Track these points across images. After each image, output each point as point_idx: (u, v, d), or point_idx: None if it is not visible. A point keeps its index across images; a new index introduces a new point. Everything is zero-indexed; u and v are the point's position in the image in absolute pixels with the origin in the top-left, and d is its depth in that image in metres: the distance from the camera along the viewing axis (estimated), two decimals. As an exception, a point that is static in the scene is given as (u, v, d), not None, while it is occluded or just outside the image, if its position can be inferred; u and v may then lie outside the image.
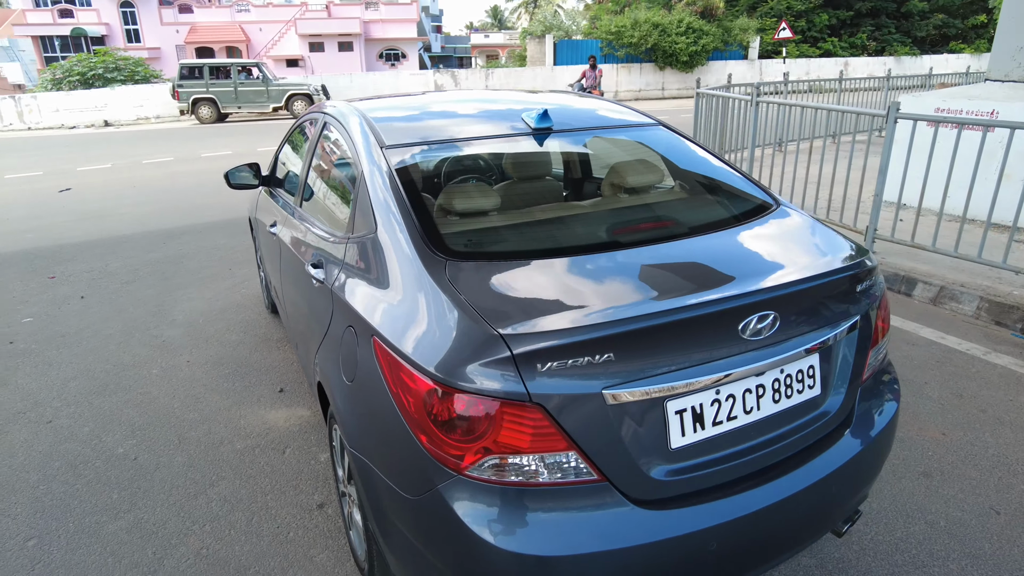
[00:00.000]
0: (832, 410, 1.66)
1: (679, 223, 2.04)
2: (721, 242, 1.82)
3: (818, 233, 1.91)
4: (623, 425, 1.37)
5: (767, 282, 1.56)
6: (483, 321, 1.35)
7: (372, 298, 1.67)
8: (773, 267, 1.68)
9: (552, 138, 2.27)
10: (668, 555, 1.39)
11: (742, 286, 1.52)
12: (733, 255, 1.78)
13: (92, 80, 21.85)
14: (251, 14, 38.37)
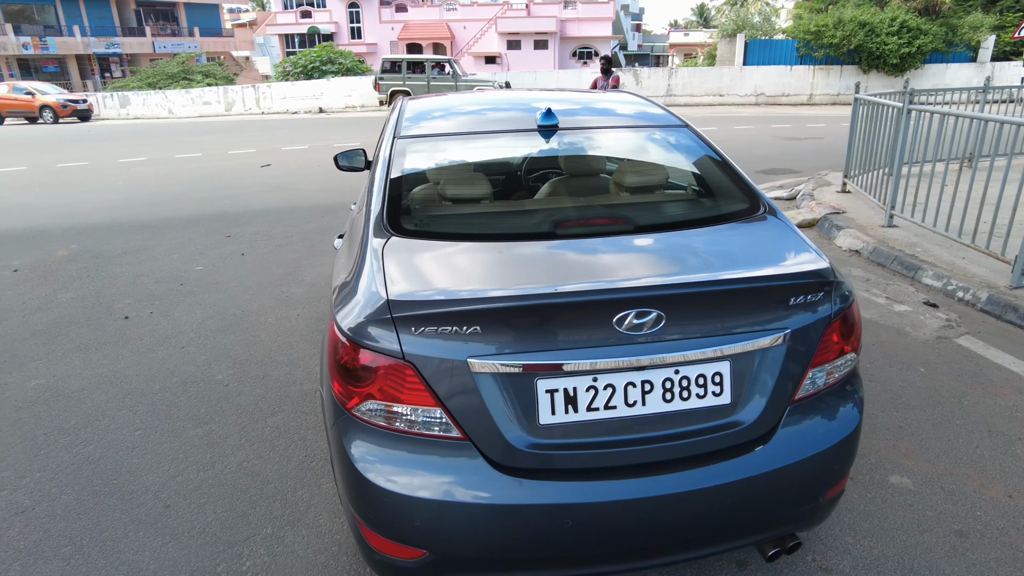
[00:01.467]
0: (746, 422, 1.62)
1: (629, 220, 2.07)
2: (653, 241, 1.85)
3: (782, 244, 1.84)
4: (489, 394, 1.50)
5: (658, 281, 1.58)
6: (383, 287, 1.57)
7: (341, 264, 1.97)
8: (688, 268, 1.68)
9: (558, 135, 2.39)
10: (518, 521, 1.50)
11: (629, 282, 1.56)
12: (655, 253, 1.80)
13: (311, 72, 25.10)
14: (457, 12, 41.17)
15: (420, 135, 2.39)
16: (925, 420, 2.91)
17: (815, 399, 1.71)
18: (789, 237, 1.87)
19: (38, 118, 25.17)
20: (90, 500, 2.56)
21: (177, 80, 31.25)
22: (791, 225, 1.96)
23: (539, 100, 2.72)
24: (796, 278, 1.65)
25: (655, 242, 1.85)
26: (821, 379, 1.71)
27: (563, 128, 2.38)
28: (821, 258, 1.74)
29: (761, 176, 8.81)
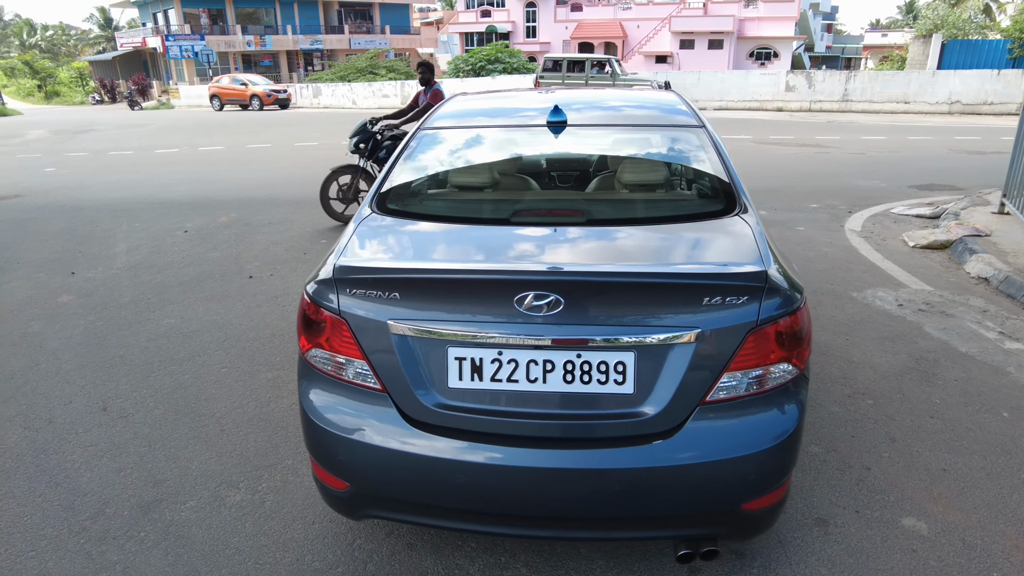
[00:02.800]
0: (649, 414, 1.64)
1: (586, 214, 2.13)
2: (590, 234, 1.90)
3: (729, 246, 1.81)
4: (404, 353, 1.69)
5: (558, 268, 1.65)
6: (340, 255, 1.81)
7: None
8: (601, 260, 1.74)
9: (567, 132, 2.48)
10: (420, 470, 1.68)
11: (531, 266, 1.66)
12: (583, 244, 1.85)
13: (480, 70, 26.33)
14: (631, 11, 40.80)
15: (441, 127, 2.61)
16: (979, 468, 2.59)
17: (733, 404, 1.67)
18: (742, 240, 1.83)
19: (248, 105, 29.09)
20: (172, 416, 3.12)
21: (364, 74, 34.40)
22: (756, 229, 1.90)
23: (575, 99, 2.83)
24: (711, 278, 1.64)
25: (592, 235, 1.91)
26: (741, 385, 1.67)
27: (572, 125, 2.47)
28: (759, 264, 1.69)
29: (912, 191, 7.92)
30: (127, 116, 27.47)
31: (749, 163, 9.99)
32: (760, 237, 1.86)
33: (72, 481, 2.67)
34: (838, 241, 5.72)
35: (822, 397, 3.12)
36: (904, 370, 3.38)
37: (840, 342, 3.71)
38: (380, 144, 6.48)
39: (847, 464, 2.62)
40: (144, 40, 47.08)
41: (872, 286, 4.59)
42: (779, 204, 7.20)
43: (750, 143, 12.54)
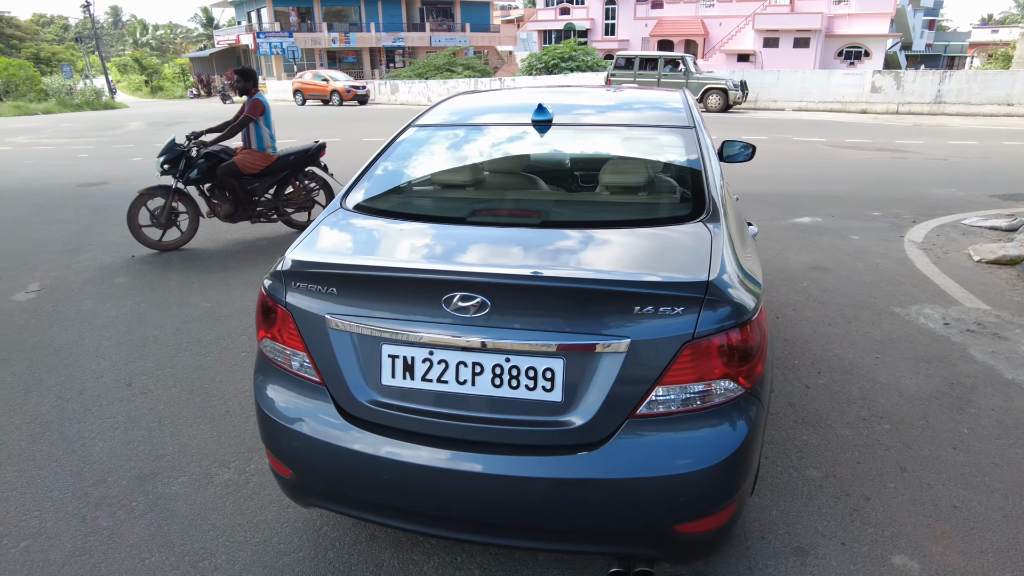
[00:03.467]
0: (576, 424, 1.58)
1: (543, 215, 2.08)
2: (539, 236, 1.86)
3: (678, 253, 1.73)
4: (340, 348, 1.70)
5: (485, 269, 1.62)
6: (294, 249, 1.85)
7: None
8: (536, 263, 1.70)
9: (552, 131, 2.43)
10: (351, 464, 1.69)
11: (458, 266, 1.63)
12: (525, 246, 1.81)
13: (552, 68, 26.23)
14: (714, 9, 39.57)
15: (429, 124, 2.62)
16: (997, 508, 2.35)
17: (666, 420, 1.58)
18: (695, 248, 1.73)
19: (329, 100, 30.18)
20: (186, 395, 3.29)
21: (442, 71, 34.96)
22: (717, 237, 1.79)
23: (569, 98, 2.77)
24: (644, 287, 1.55)
25: (539, 237, 1.86)
26: (676, 400, 1.57)
27: (558, 124, 2.42)
28: (701, 274, 1.58)
29: (993, 201, 7.29)
30: (217, 109, 29.07)
31: (815, 167, 9.50)
32: (718, 245, 1.75)
33: (86, 449, 2.85)
34: (893, 252, 5.34)
35: (833, 418, 2.92)
36: (935, 395, 3.11)
37: (868, 361, 3.46)
38: (193, 163, 5.70)
39: (844, 492, 2.44)
40: (238, 37, 49.69)
41: (919, 302, 4.26)
42: (837, 211, 6.80)
43: (822, 146, 11.91)
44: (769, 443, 2.74)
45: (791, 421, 2.90)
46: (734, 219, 2.06)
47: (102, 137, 17.34)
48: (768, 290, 4.46)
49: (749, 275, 1.76)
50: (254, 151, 5.81)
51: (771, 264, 5.08)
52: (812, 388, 3.19)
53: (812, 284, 4.62)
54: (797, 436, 2.79)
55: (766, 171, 9.19)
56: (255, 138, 5.79)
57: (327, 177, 6.45)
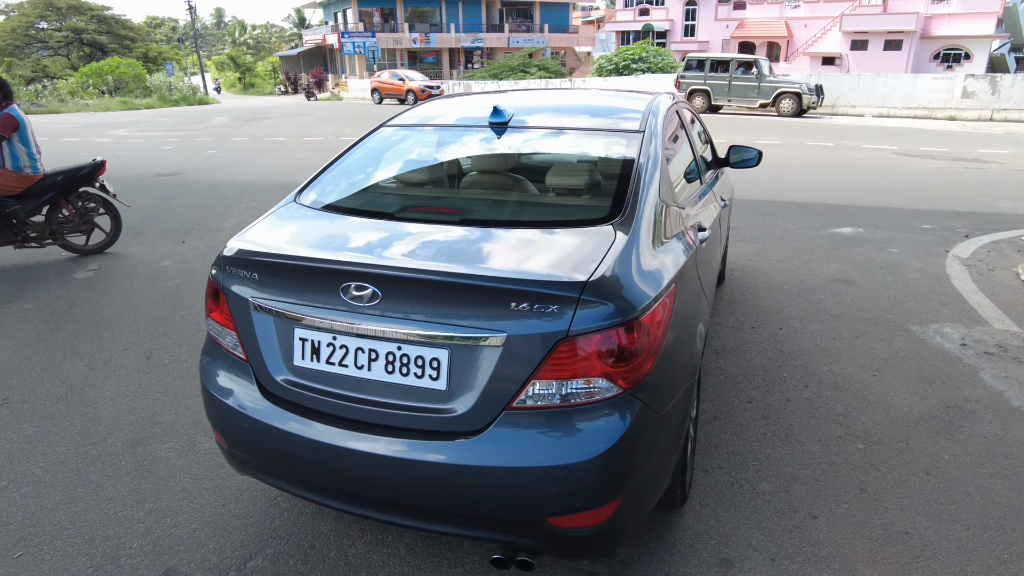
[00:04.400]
0: (458, 412, 1.65)
1: (464, 212, 2.17)
2: (447, 233, 1.93)
3: (573, 253, 1.76)
4: (263, 330, 1.85)
5: (375, 261, 1.72)
6: (237, 237, 2.00)
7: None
8: (436, 256, 1.78)
9: (508, 133, 2.50)
10: (266, 437, 1.84)
11: (352, 257, 1.74)
12: (432, 241, 1.89)
13: (623, 69, 25.97)
14: (799, 10, 37.98)
15: (399, 124, 2.74)
16: (952, 539, 2.23)
17: (540, 413, 1.62)
18: (593, 249, 1.75)
19: (404, 99, 31.03)
20: (192, 369, 3.56)
21: (515, 72, 35.26)
22: (622, 239, 1.81)
23: (529, 101, 2.86)
24: (520, 284, 1.59)
25: (450, 233, 1.92)
26: (551, 395, 1.61)
27: (513, 127, 2.49)
28: (582, 274, 1.61)
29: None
30: (299, 106, 30.49)
31: (874, 176, 9.02)
32: (617, 248, 1.76)
33: (97, 412, 3.15)
34: (931, 267, 5.04)
35: (805, 434, 2.84)
36: (924, 417, 2.96)
37: (863, 378, 3.32)
38: None
39: (792, 508, 2.38)
40: (324, 37, 51.89)
41: (941, 320, 4.02)
42: (884, 222, 6.46)
43: (889, 154, 11.27)
44: (728, 454, 2.70)
45: (759, 434, 2.84)
46: (664, 222, 2.06)
47: (188, 131, 18.57)
48: (779, 300, 4.34)
49: (650, 278, 1.77)
50: (7, 171, 5.24)
51: (792, 275, 4.91)
52: (793, 402, 3.10)
53: (830, 296, 4.45)
54: (760, 449, 2.73)
55: (818, 179, 8.82)
56: (9, 157, 5.22)
57: (109, 197, 5.81)
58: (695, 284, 2.17)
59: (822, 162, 10.37)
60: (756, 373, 3.38)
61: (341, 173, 2.48)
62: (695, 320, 2.09)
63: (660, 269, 1.85)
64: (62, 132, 18.28)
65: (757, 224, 6.48)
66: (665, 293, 1.80)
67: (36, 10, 55.76)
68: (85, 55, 54.57)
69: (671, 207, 2.20)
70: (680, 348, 1.90)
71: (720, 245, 3.40)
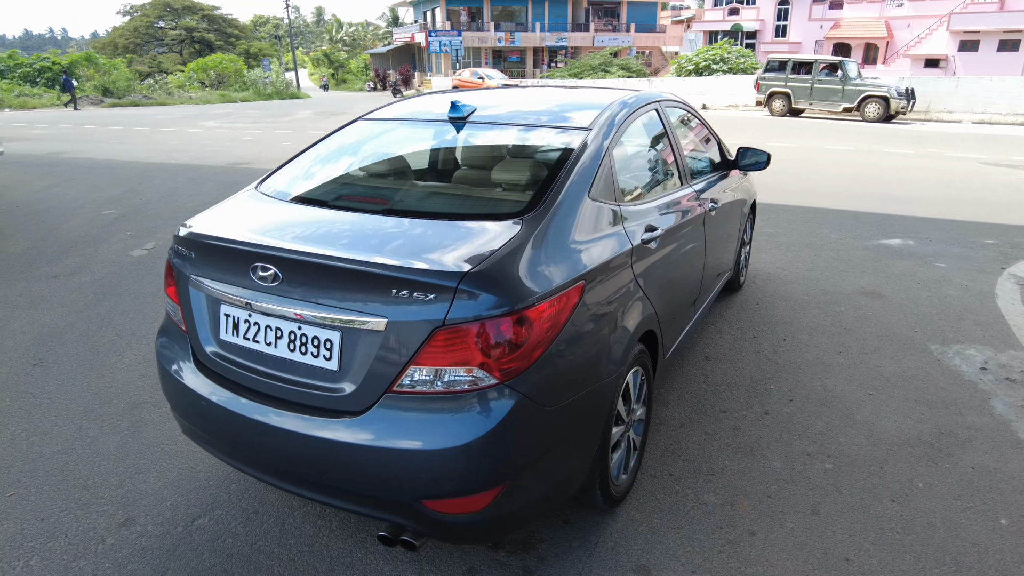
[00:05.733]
0: (346, 392, 1.73)
1: (391, 202, 2.25)
2: (366, 220, 1.99)
3: (467, 244, 1.79)
4: (198, 305, 2.00)
5: (276, 244, 1.81)
6: (191, 218, 2.16)
7: None
8: (339, 243, 1.83)
9: (466, 128, 2.55)
10: (191, 402, 1.99)
11: (259, 240, 1.84)
12: (345, 228, 1.95)
13: (702, 70, 25.24)
14: (902, 9, 35.61)
15: (373, 117, 2.84)
16: (895, 569, 2.08)
17: (417, 398, 1.66)
18: (490, 241, 1.77)
19: (483, 97, 31.44)
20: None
21: (597, 71, 34.99)
22: (522, 234, 1.81)
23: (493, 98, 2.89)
24: (400, 271, 1.64)
25: (365, 222, 1.98)
26: (427, 381, 1.65)
27: (471, 122, 2.53)
28: (465, 265, 1.64)
29: None
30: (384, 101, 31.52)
31: (945, 186, 8.35)
32: (516, 241, 1.77)
33: (112, 375, 3.44)
34: (977, 285, 4.65)
35: (773, 449, 2.72)
36: (911, 442, 2.77)
37: (856, 396, 3.14)
38: None
39: (732, 523, 2.30)
40: (412, 35, 53.30)
41: (967, 341, 3.72)
42: (940, 235, 6.00)
43: (975, 164, 10.40)
44: (684, 461, 2.64)
45: (723, 444, 2.75)
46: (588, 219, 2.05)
47: (271, 123, 19.62)
48: (794, 311, 4.16)
49: (545, 273, 1.77)
50: None
51: (818, 285, 4.67)
52: (771, 415, 2.98)
53: (851, 310, 4.20)
54: (718, 460, 2.65)
55: (881, 187, 8.28)
56: None
57: None
58: (625, 284, 2.14)
59: (893, 170, 9.73)
60: (741, 383, 3.27)
61: (303, 163, 2.59)
62: (617, 321, 2.06)
63: (564, 265, 1.84)
64: (161, 123, 19.77)
65: (799, 231, 6.19)
66: (564, 290, 1.79)
67: (155, 10, 60.47)
68: (195, 51, 58.67)
69: (605, 205, 2.17)
70: (586, 347, 1.89)
71: (712, 249, 3.30)
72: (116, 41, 60.51)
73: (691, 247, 2.90)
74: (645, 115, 2.80)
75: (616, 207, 2.25)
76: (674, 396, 3.14)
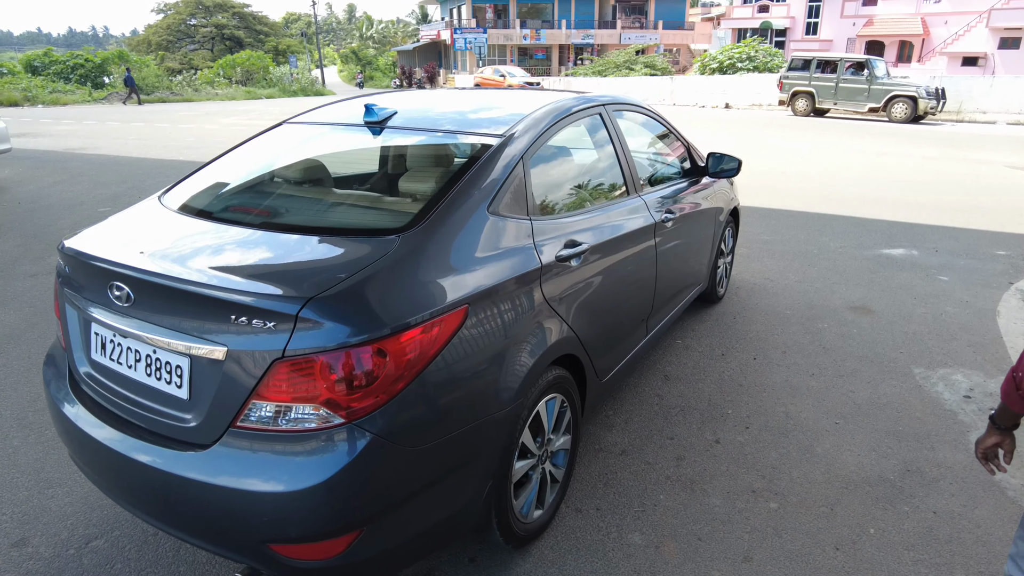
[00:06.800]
0: (194, 423, 1.59)
1: (273, 216, 2.09)
2: (240, 235, 1.86)
3: (345, 263, 1.64)
4: (72, 323, 1.89)
5: (127, 262, 1.67)
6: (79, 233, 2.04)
7: None
8: (191, 261, 1.71)
9: (384, 134, 2.40)
10: (66, 425, 1.86)
11: (111, 256, 1.70)
12: (220, 243, 1.82)
13: (726, 68, 24.69)
14: (939, 5, 34.39)
15: (299, 122, 2.69)
16: (828, 630, 1.88)
17: (259, 435, 1.51)
18: (352, 263, 1.61)
19: (502, 95, 31.28)
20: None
21: (621, 69, 34.54)
22: (390, 254, 1.64)
23: (418, 101, 2.74)
24: (240, 295, 1.49)
25: (229, 235, 1.85)
26: (269, 417, 1.50)
27: (391, 127, 2.37)
28: (310, 290, 1.49)
29: None
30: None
31: (962, 192, 7.91)
32: (384, 262, 1.61)
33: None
34: (979, 301, 4.34)
35: (716, 484, 2.51)
36: (871, 480, 2.53)
37: (821, 425, 2.89)
38: None
39: (653, 568, 2.10)
40: (439, 33, 53.35)
41: (956, 365, 3.44)
42: (949, 245, 5.65)
43: (1000, 168, 9.89)
44: (616, 494, 2.44)
45: (662, 476, 2.55)
46: (483, 235, 1.87)
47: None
48: (772, 326, 3.92)
49: (415, 297, 1.60)
50: None
51: (804, 298, 4.40)
52: (722, 444, 2.76)
53: (834, 327, 3.94)
54: (654, 494, 2.44)
55: (893, 191, 7.88)
56: None
57: None
58: (530, 307, 1.95)
59: (911, 172, 9.29)
60: (697, 406, 3.05)
61: (211, 170, 2.46)
62: (517, 348, 1.88)
63: (442, 287, 1.67)
64: (181, 119, 20.01)
65: (797, 238, 5.89)
66: (439, 315, 1.62)
67: (188, 8, 61.55)
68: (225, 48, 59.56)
69: (511, 219, 1.99)
70: (470, 377, 1.72)
71: (670, 262, 3.08)
72: (150, 39, 61.77)
73: (635, 262, 2.69)
74: (583, 120, 2.61)
75: (527, 222, 2.06)
76: (621, 419, 2.94)
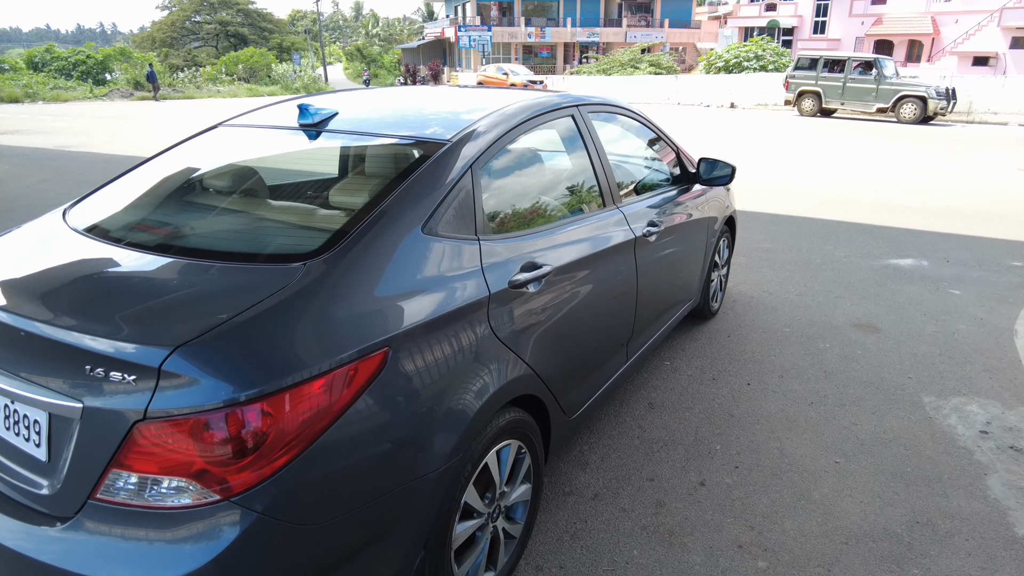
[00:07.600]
0: (49, 491, 1.30)
1: (173, 235, 1.82)
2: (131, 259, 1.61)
3: (241, 301, 1.35)
4: None
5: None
6: None
7: None
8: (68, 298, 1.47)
9: (323, 137, 2.09)
10: None
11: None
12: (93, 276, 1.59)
13: (732, 67, 24.30)
14: (949, 3, 33.86)
15: (234, 124, 2.40)
16: None
17: (127, 511, 1.22)
18: (249, 297, 1.33)
19: (505, 93, 30.99)
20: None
21: (626, 68, 34.16)
22: (298, 284, 1.37)
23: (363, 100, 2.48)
24: (90, 340, 1.25)
25: (124, 262, 1.61)
26: (131, 489, 1.22)
27: (328, 131, 2.08)
28: (186, 335, 1.21)
29: None
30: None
31: (976, 197, 7.56)
32: (280, 296, 1.33)
33: None
34: (996, 318, 4.01)
35: (697, 538, 2.20)
36: (876, 534, 2.22)
37: (820, 464, 2.58)
38: None
39: (619, 643, 1.80)
40: (443, 30, 53.06)
41: (970, 393, 3.12)
42: (960, 255, 5.31)
43: (1014, 172, 9.52)
44: (583, 548, 2.13)
45: (637, 526, 2.24)
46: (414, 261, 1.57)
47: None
48: (769, 346, 3.60)
49: (316, 342, 1.30)
50: None
51: (805, 314, 4.08)
52: (707, 487, 2.45)
53: (836, 347, 3.62)
54: (625, 548, 2.14)
55: (902, 197, 7.54)
56: None
57: None
58: (474, 342, 1.65)
59: (920, 175, 8.94)
60: (683, 440, 2.74)
61: (130, 179, 2.18)
62: (457, 393, 1.58)
63: (356, 327, 1.38)
64: (178, 116, 19.79)
65: (800, 247, 5.56)
66: (348, 362, 1.33)
67: (193, 5, 61.39)
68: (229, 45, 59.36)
69: (453, 240, 1.69)
70: (393, 433, 1.42)
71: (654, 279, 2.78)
72: (154, 35, 61.63)
73: (611, 282, 2.38)
74: (552, 122, 2.30)
75: (474, 243, 1.75)
76: (597, 456, 2.63)
